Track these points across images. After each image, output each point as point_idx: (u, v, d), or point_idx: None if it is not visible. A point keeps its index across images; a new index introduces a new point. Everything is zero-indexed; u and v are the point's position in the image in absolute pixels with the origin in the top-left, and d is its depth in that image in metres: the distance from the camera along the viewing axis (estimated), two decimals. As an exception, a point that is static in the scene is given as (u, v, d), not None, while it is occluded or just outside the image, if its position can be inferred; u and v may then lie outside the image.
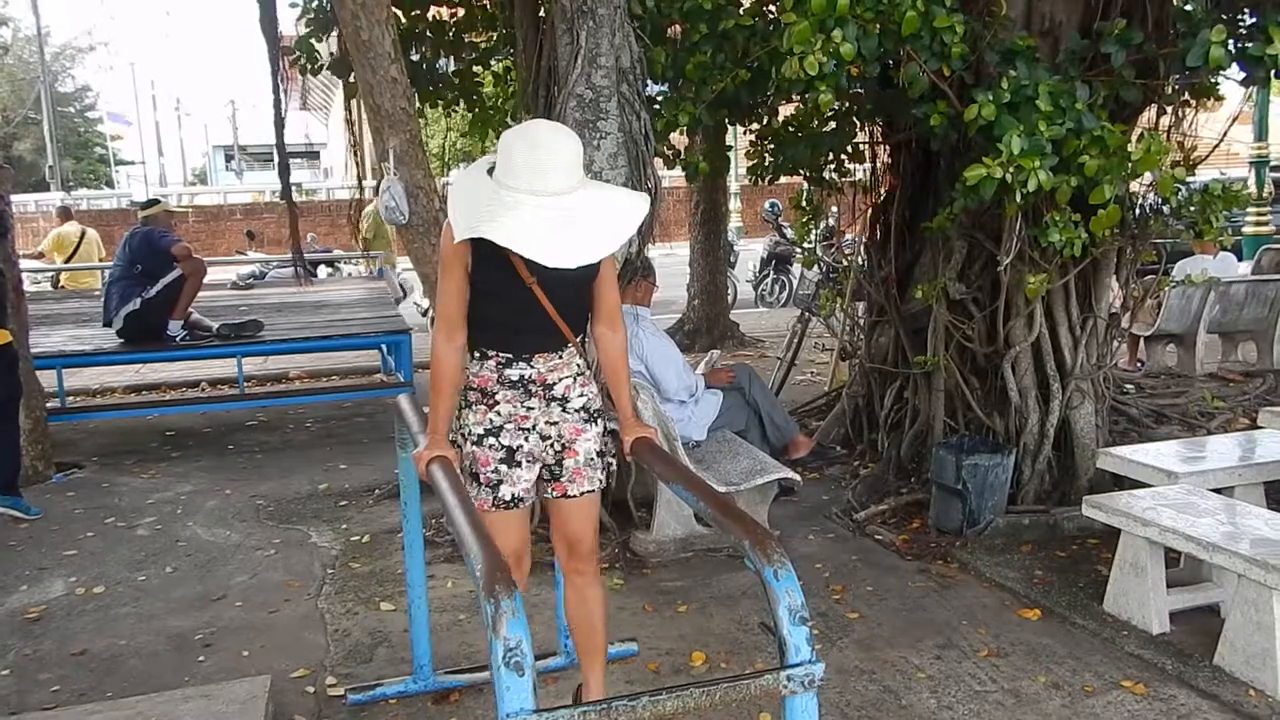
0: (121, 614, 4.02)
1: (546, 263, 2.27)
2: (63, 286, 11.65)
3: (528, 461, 2.59)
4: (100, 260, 11.56)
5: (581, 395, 2.63)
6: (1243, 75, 4.64)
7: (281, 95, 5.27)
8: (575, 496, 2.65)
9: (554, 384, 2.58)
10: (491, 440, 2.57)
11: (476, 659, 3.44)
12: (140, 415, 7.43)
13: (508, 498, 2.59)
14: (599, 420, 2.67)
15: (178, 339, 6.77)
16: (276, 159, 5.53)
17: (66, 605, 4.11)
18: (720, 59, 4.79)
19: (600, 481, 2.67)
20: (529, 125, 2.42)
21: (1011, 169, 3.85)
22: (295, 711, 3.20)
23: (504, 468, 2.58)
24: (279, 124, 5.28)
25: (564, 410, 2.60)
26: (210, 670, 3.51)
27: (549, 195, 2.28)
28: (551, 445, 2.61)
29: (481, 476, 2.57)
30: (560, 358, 2.58)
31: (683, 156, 5.95)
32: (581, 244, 2.30)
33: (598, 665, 2.80)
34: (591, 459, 2.64)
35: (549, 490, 2.66)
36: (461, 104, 7.00)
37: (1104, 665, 3.35)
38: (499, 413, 2.57)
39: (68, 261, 11.42)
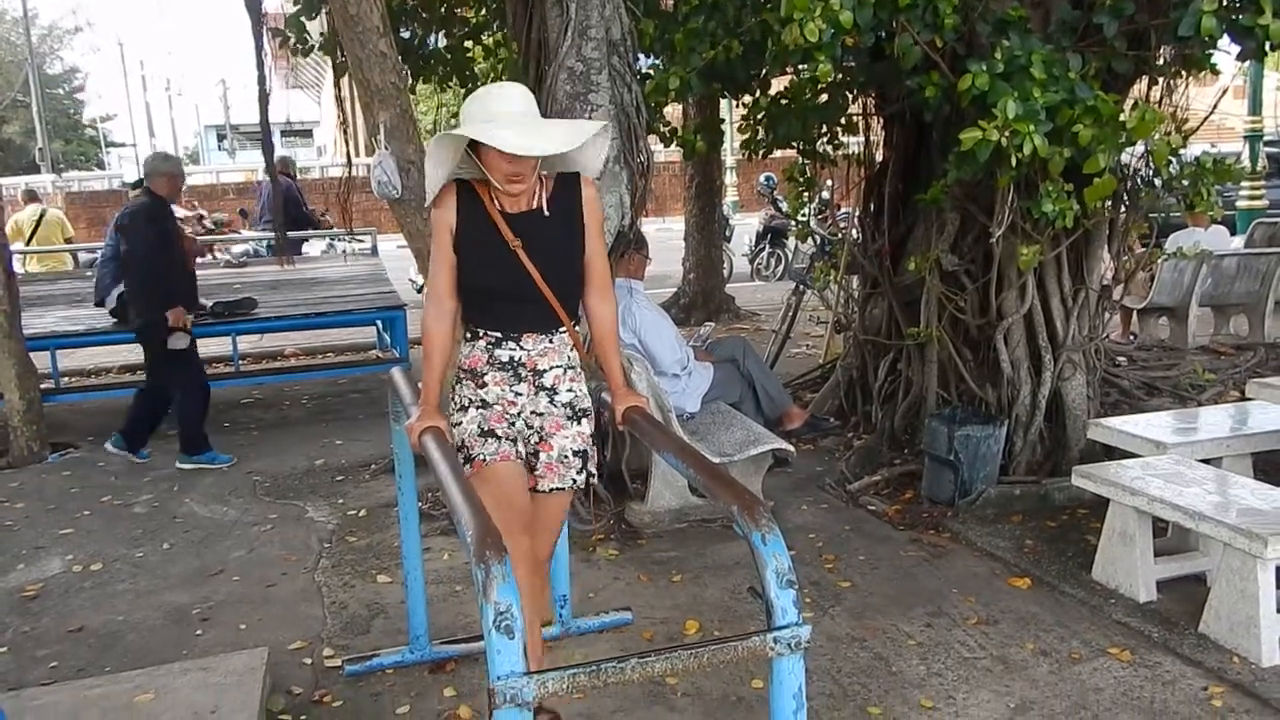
0: (119, 590, 4.04)
1: (508, 148, 2.33)
2: (26, 270, 11.37)
3: (511, 438, 2.59)
4: (65, 241, 11.34)
5: (570, 390, 2.61)
6: (1237, 49, 4.63)
7: (266, 72, 5.23)
8: (545, 492, 2.63)
9: (544, 371, 2.57)
10: (483, 411, 2.57)
11: (472, 629, 3.47)
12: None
13: (512, 455, 2.56)
14: (584, 420, 2.64)
15: (171, 318, 6.75)
16: (262, 139, 5.49)
17: (64, 583, 4.14)
18: (711, 26, 4.77)
19: (573, 481, 2.63)
20: (481, 90, 2.56)
21: (1007, 133, 3.85)
22: (293, 683, 3.23)
23: (493, 436, 2.57)
24: (263, 101, 5.25)
25: (551, 402, 2.59)
26: (208, 643, 3.54)
27: (506, 116, 2.39)
28: (534, 434, 2.61)
29: (500, 430, 2.55)
30: (551, 342, 2.57)
31: (679, 134, 5.91)
32: (545, 138, 2.40)
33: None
34: (566, 456, 2.61)
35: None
36: (454, 80, 6.97)
37: (1091, 633, 3.39)
38: (489, 394, 2.57)
39: (26, 245, 11.24)
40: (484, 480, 2.50)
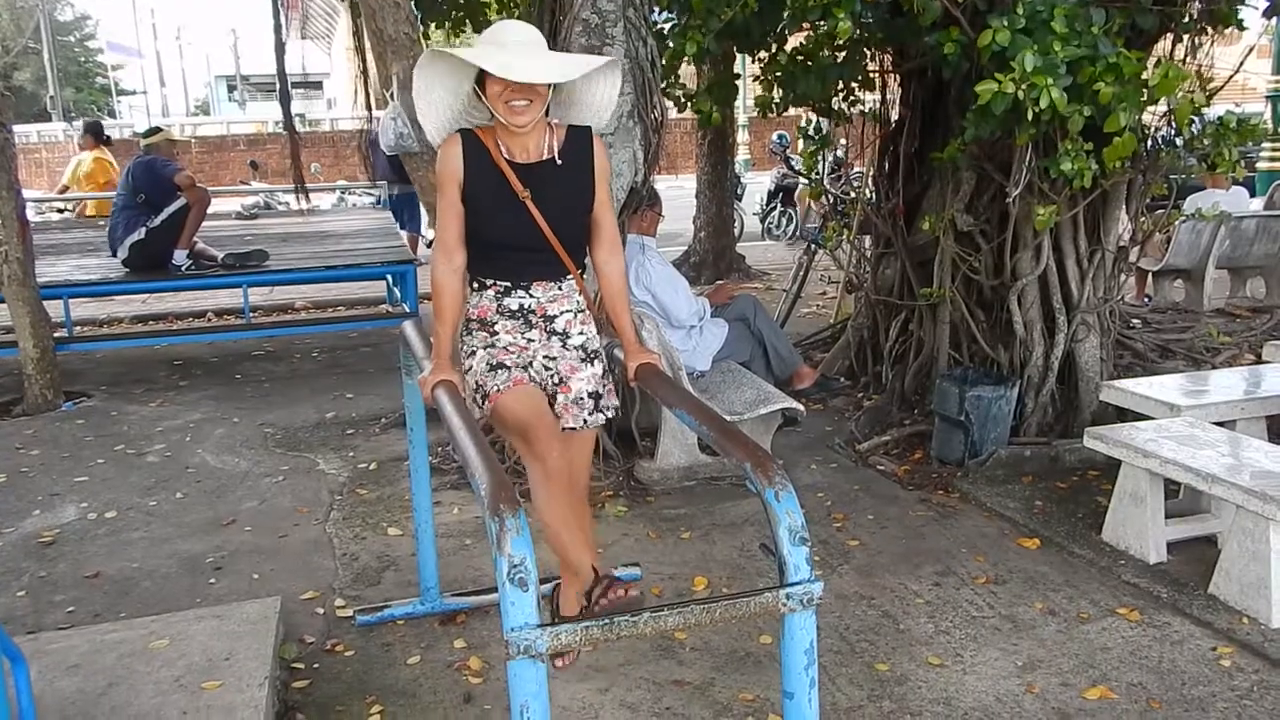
0: (133, 538, 4.08)
1: (515, 76, 2.30)
2: (82, 214, 11.42)
3: (523, 366, 2.55)
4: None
5: (581, 333, 2.59)
6: (1264, 4, 4.54)
7: (282, 21, 5.17)
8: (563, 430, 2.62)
9: (555, 316, 2.54)
10: (492, 350, 2.53)
11: (482, 582, 3.50)
12: (147, 345, 7.46)
13: (525, 379, 2.52)
14: (596, 361, 2.62)
15: (183, 269, 6.77)
16: (278, 88, 5.44)
17: (79, 530, 4.18)
18: (729, -15, 4.68)
19: (587, 423, 2.60)
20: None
21: (1024, 86, 3.78)
22: (305, 632, 3.27)
23: (502, 367, 2.52)
24: (279, 51, 5.20)
25: (564, 346, 2.56)
26: (221, 592, 3.58)
27: (513, 44, 2.38)
28: (553, 376, 2.58)
29: (509, 361, 2.52)
30: (560, 289, 2.55)
31: (694, 101, 5.79)
32: (551, 66, 2.39)
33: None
34: (581, 398, 2.58)
35: None
36: (468, 27, 6.89)
37: (1100, 593, 3.40)
38: (499, 340, 2.54)
39: (81, 189, 11.22)
40: (503, 406, 2.46)
